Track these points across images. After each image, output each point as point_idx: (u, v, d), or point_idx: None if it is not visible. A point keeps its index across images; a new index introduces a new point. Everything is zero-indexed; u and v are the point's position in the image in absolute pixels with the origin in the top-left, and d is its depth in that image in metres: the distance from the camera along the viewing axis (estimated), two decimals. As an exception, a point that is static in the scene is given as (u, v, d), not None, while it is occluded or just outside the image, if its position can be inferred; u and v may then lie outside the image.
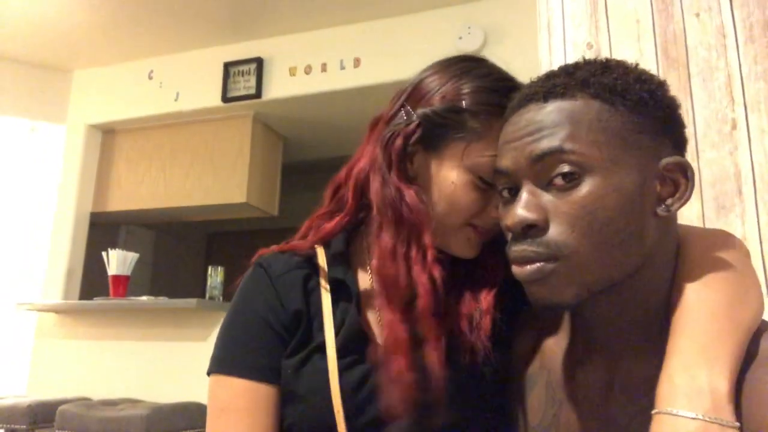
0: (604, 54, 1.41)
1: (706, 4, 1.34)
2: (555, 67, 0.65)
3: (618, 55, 0.70)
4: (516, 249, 0.57)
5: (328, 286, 0.77)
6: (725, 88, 1.27)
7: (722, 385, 0.51)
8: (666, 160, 0.58)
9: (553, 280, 0.56)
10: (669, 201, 0.58)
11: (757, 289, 0.60)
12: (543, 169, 0.57)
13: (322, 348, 0.73)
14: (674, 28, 1.35)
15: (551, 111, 0.57)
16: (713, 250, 0.61)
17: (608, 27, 1.42)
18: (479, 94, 0.71)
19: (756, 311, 0.57)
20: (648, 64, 1.26)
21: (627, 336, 0.62)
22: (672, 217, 0.61)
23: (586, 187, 0.55)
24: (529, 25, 1.78)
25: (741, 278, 0.59)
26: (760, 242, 1.21)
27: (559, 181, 0.56)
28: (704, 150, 1.21)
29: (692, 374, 0.51)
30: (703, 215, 1.18)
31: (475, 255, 0.75)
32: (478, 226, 0.73)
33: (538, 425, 0.68)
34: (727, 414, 0.49)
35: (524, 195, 0.57)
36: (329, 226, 0.79)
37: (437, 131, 0.72)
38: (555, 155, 0.56)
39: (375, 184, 0.73)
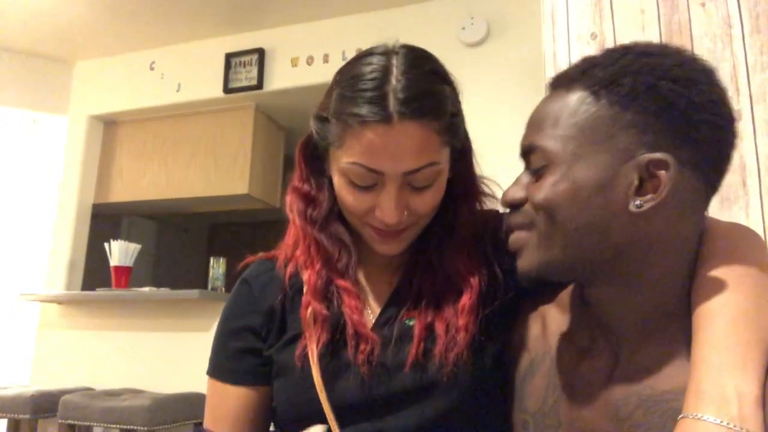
0: (609, 45, 1.40)
1: (712, -6, 1.32)
2: (558, 58, 0.65)
3: (622, 46, 0.68)
4: (509, 218, 0.65)
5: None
6: (730, 79, 1.26)
7: (751, 392, 0.50)
8: (644, 156, 0.55)
9: (525, 248, 0.62)
10: (645, 198, 0.55)
11: None
12: (527, 159, 0.63)
13: (301, 335, 0.75)
14: (679, 18, 1.34)
15: (551, 102, 0.62)
16: (736, 249, 0.59)
17: (612, 17, 1.40)
18: (338, 103, 0.70)
19: None
20: (652, 54, 1.25)
21: (632, 326, 0.62)
22: (659, 213, 0.56)
23: (548, 178, 0.59)
24: (533, 16, 1.77)
25: (765, 279, 0.57)
26: (765, 234, 1.20)
27: (533, 171, 0.62)
28: (708, 141, 1.20)
29: (720, 382, 0.51)
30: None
31: (393, 253, 0.76)
32: (374, 225, 0.72)
33: (538, 412, 0.68)
34: (755, 421, 0.48)
35: (520, 176, 0.64)
36: None
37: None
38: (530, 151, 0.62)
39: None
